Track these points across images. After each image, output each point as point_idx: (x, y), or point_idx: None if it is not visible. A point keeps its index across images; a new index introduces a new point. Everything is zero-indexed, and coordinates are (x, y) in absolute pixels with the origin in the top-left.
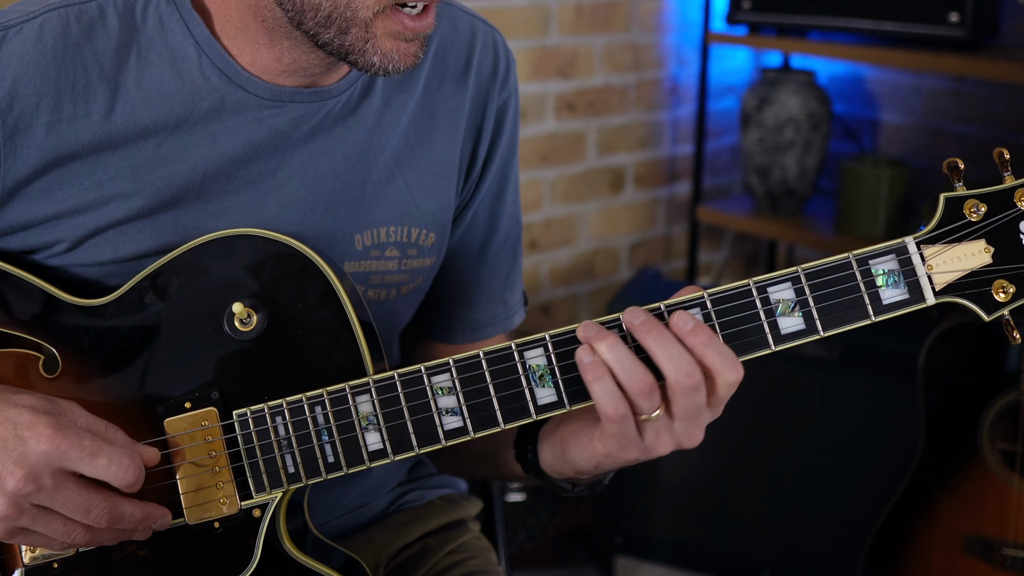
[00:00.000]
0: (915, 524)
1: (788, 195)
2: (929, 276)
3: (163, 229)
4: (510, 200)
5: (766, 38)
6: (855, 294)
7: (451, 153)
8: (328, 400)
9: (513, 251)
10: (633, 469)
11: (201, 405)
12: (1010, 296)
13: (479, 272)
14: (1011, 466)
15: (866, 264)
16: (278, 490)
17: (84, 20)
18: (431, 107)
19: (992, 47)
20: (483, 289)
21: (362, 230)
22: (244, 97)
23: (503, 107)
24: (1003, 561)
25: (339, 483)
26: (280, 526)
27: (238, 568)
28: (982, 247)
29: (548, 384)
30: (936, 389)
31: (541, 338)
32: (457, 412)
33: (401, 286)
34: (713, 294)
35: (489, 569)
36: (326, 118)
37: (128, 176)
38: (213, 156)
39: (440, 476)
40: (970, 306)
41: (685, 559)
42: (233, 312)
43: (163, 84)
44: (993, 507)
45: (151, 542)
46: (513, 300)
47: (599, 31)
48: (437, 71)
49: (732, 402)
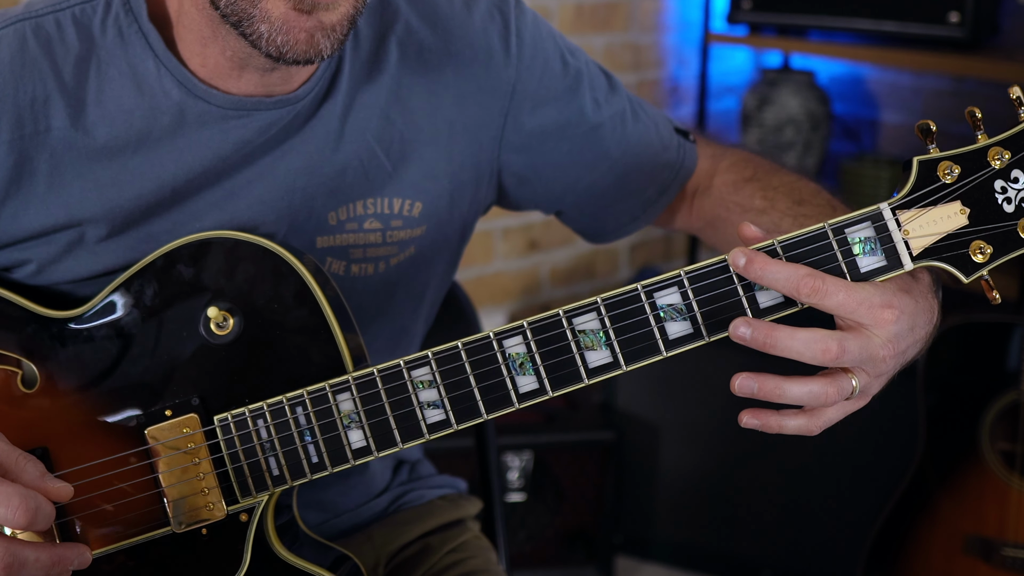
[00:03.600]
0: (915, 524)
1: None
2: (906, 241)
3: (135, 244)
4: (588, 81)
5: (766, 38)
6: (832, 264)
7: (435, 122)
8: (309, 400)
9: (632, 125)
10: (633, 469)
11: (181, 412)
12: (988, 256)
13: (621, 173)
14: (1011, 466)
15: (842, 233)
16: (264, 493)
17: (41, 35)
18: (409, 79)
19: (992, 47)
20: (631, 169)
21: (337, 207)
22: (205, 109)
23: (529, 64)
24: (1003, 561)
25: (335, 481)
26: (268, 529)
27: (229, 573)
28: (957, 209)
29: (529, 372)
30: (936, 389)
31: (519, 326)
32: (439, 405)
33: (390, 258)
34: (690, 271)
35: (489, 568)
36: (296, 119)
37: (95, 198)
38: (181, 172)
39: (440, 476)
40: (948, 269)
41: (685, 559)
42: (208, 316)
43: (123, 99)
44: (993, 507)
45: (138, 552)
46: (672, 141)
47: (599, 31)
48: (412, 42)
49: (731, 401)
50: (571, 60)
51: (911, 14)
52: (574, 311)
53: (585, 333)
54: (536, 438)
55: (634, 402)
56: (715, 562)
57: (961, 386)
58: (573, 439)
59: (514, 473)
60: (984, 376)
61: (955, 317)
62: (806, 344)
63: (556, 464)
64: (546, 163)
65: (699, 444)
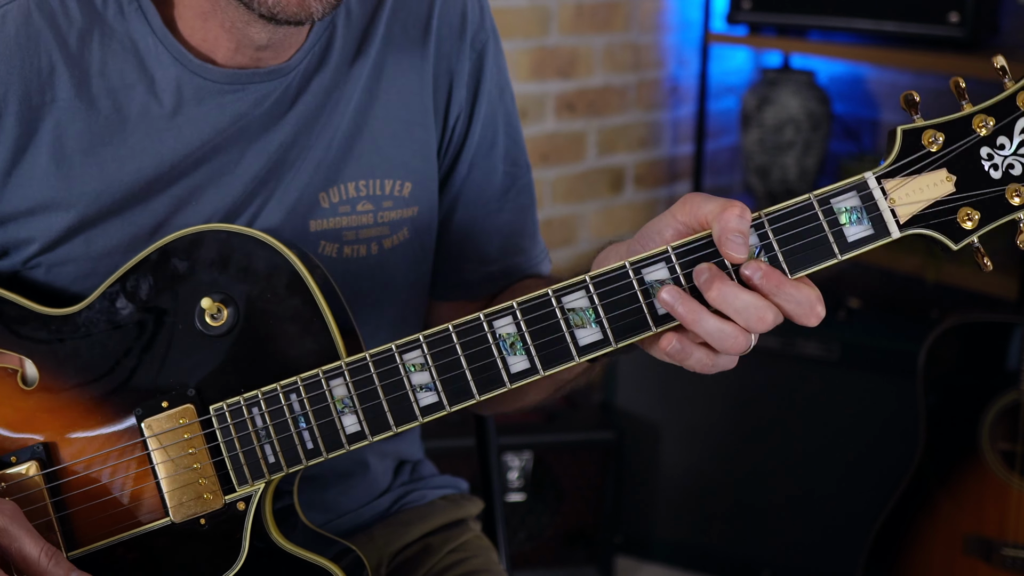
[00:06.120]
0: (915, 524)
1: (788, 195)
2: (892, 210)
3: (136, 221)
4: (504, 147)
5: (766, 38)
6: (819, 234)
7: (422, 101)
8: (302, 387)
9: (524, 198)
10: (633, 469)
11: (178, 403)
12: (976, 223)
13: (487, 222)
14: (1011, 466)
15: (828, 203)
16: (260, 481)
17: (45, 8)
18: (395, 56)
19: (992, 47)
20: (493, 239)
21: (327, 187)
22: (202, 84)
23: (479, 55)
24: (1003, 561)
25: (336, 482)
26: (267, 517)
27: (228, 562)
28: (943, 176)
29: (520, 352)
30: (936, 389)
31: (509, 306)
32: (432, 388)
33: (382, 239)
34: (676, 247)
35: (491, 568)
36: (287, 91)
37: (96, 173)
38: (180, 147)
39: (441, 476)
40: (937, 236)
41: (685, 559)
42: (203, 308)
43: (125, 73)
44: (993, 507)
45: (138, 545)
46: (535, 249)
47: (599, 31)
48: (397, 20)
49: (731, 402)
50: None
51: (911, 14)
52: (563, 290)
53: (575, 311)
54: (536, 438)
55: (634, 402)
56: (715, 562)
57: (961, 386)
58: (573, 439)
59: (514, 473)
60: (984, 376)
61: (955, 317)
62: (746, 305)
63: (556, 464)
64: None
65: (699, 444)
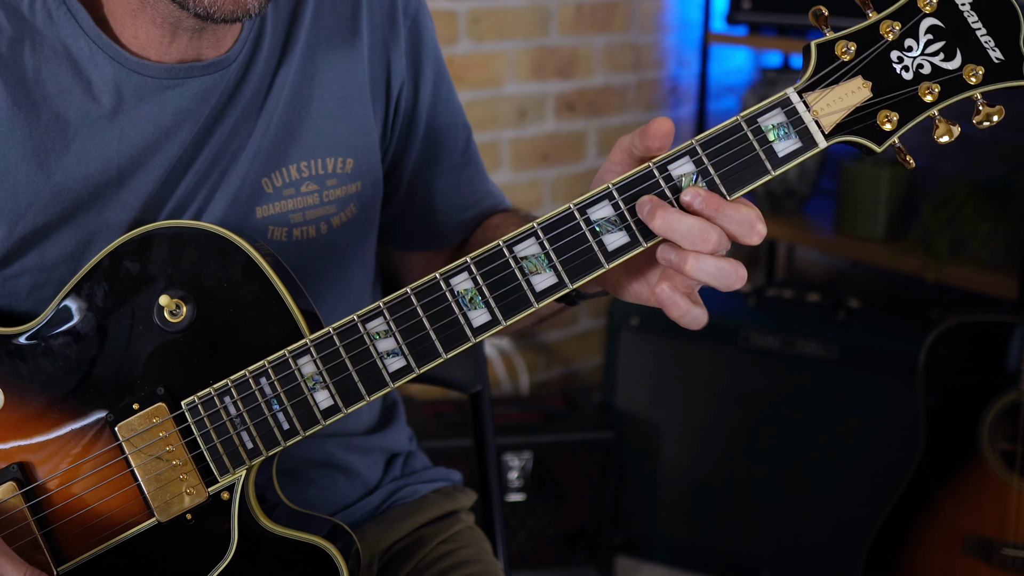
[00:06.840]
0: (915, 524)
1: (788, 195)
2: (816, 121)
3: (86, 227)
4: (455, 104)
5: (766, 38)
6: (751, 154)
7: (357, 76)
8: (271, 369)
9: (475, 144)
10: (633, 469)
11: (149, 403)
12: (896, 123)
13: (458, 175)
14: (1011, 466)
15: (755, 123)
16: (241, 468)
17: None
18: (326, 34)
19: None
20: (462, 190)
21: (269, 172)
22: (141, 81)
23: (414, 21)
24: (1003, 561)
25: (317, 478)
26: (252, 504)
27: (219, 553)
28: (860, 83)
29: (479, 305)
30: (936, 389)
31: (463, 263)
32: (398, 352)
33: (331, 218)
34: (617, 183)
35: (483, 558)
36: (228, 83)
37: (42, 181)
38: (124, 148)
39: (434, 470)
40: (861, 141)
41: (685, 559)
42: (161, 306)
43: (60, 79)
44: (993, 507)
45: (128, 550)
46: (494, 186)
47: (599, 31)
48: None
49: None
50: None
51: None
52: (513, 239)
53: (527, 259)
54: (536, 438)
55: (634, 402)
56: (715, 562)
57: (961, 386)
58: (573, 439)
59: (514, 473)
60: (984, 376)
61: (955, 317)
62: (690, 228)
63: (556, 464)
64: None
65: (699, 444)
